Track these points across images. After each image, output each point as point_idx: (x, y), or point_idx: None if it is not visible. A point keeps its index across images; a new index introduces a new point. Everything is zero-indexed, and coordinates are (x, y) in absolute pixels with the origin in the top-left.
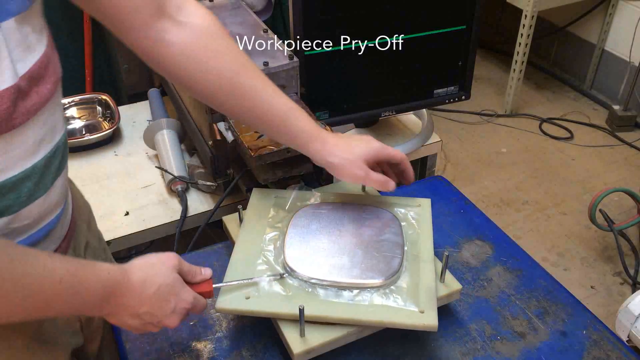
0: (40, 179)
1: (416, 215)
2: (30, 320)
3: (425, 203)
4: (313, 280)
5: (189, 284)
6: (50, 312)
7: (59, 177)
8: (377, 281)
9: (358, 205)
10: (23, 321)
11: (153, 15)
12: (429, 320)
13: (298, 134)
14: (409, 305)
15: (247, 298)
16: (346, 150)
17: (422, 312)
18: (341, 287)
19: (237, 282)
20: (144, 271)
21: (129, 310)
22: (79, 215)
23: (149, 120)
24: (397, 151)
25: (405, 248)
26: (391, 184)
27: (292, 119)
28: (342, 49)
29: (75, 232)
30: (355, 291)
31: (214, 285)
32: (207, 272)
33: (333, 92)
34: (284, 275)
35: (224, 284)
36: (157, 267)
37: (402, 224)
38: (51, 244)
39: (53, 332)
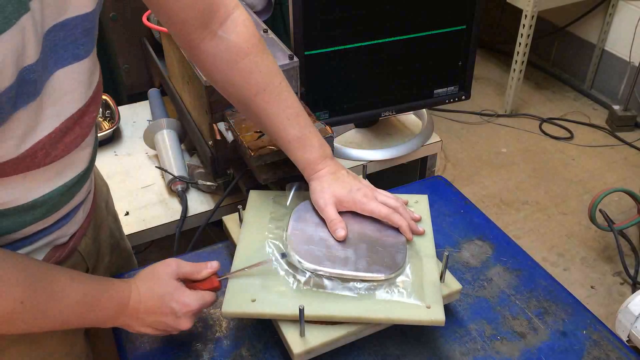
0: (70, 192)
1: (415, 211)
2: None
3: (423, 199)
4: (320, 272)
5: (196, 281)
6: (65, 327)
7: (87, 181)
8: (383, 275)
9: None
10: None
11: (198, 27)
12: (436, 315)
13: (297, 162)
14: (415, 300)
15: (253, 301)
16: (328, 184)
17: (428, 307)
18: (347, 279)
19: (240, 270)
20: (146, 284)
21: (139, 321)
22: (99, 195)
23: (149, 120)
24: (381, 208)
25: (407, 243)
26: (339, 232)
27: (295, 148)
28: (342, 49)
29: (95, 212)
30: (362, 285)
31: (219, 278)
32: (213, 264)
33: (333, 92)
34: (286, 256)
35: (229, 274)
36: (155, 278)
37: None
38: (73, 225)
39: None
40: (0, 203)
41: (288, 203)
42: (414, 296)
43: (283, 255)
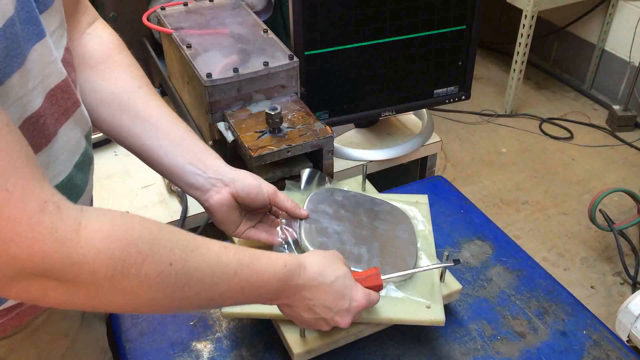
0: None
1: (415, 211)
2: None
3: (423, 199)
4: None
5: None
6: (225, 303)
7: (90, 173)
8: (394, 277)
9: (370, 198)
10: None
11: (69, 16)
12: (436, 315)
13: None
14: (416, 301)
15: None
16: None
17: (428, 307)
18: None
19: (403, 273)
20: (320, 263)
21: (304, 302)
22: None
23: None
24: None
25: (419, 245)
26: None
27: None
28: (342, 49)
29: None
30: None
31: (382, 277)
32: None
33: (333, 92)
34: (458, 262)
35: (392, 275)
36: (331, 260)
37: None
38: None
39: None
40: None
41: (302, 188)
42: (415, 297)
43: (296, 243)
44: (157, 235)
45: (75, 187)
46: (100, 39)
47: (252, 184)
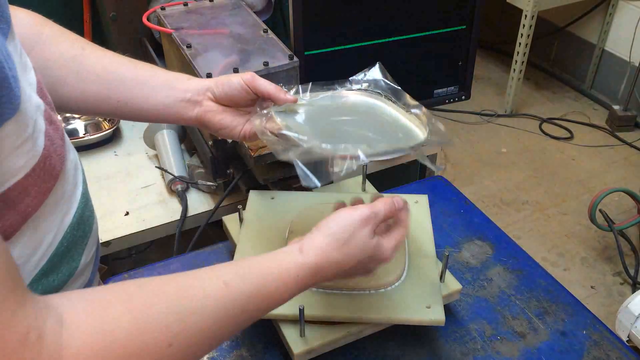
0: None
1: (415, 211)
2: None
3: (423, 199)
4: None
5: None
6: (241, 328)
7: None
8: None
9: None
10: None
11: None
12: (436, 315)
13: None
14: (415, 301)
15: None
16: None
17: (428, 307)
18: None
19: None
20: (330, 246)
21: (337, 276)
22: None
23: None
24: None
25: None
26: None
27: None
28: (342, 49)
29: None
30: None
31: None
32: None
33: None
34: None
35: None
36: (341, 232)
37: None
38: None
39: None
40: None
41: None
42: (414, 297)
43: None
44: (145, 319)
45: (87, 220)
46: (18, 29)
47: (221, 79)
